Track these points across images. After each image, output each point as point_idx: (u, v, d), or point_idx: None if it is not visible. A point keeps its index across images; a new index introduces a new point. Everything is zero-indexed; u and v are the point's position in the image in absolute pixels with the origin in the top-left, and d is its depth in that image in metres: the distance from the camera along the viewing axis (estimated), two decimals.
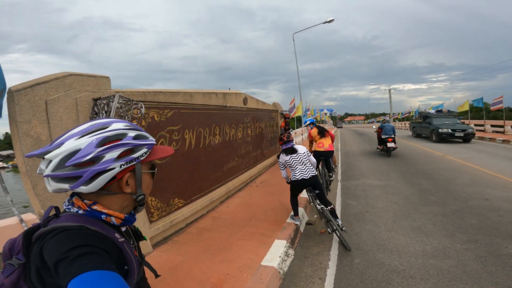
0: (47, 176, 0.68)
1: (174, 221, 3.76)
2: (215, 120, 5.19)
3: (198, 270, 2.77)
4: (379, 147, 11.07)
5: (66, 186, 0.69)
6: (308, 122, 6.28)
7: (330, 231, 3.56)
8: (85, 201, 0.74)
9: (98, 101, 2.79)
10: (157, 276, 0.96)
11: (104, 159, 0.70)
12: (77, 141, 0.69)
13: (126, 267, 0.73)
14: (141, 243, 3.48)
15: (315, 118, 30.09)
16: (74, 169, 0.68)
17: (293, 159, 3.75)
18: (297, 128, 16.27)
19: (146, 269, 0.93)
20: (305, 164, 3.72)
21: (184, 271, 2.76)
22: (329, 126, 45.65)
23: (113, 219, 0.76)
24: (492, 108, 17.64)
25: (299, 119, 17.49)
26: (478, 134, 16.11)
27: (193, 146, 4.46)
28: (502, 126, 16.14)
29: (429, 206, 4.61)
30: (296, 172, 3.69)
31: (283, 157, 3.84)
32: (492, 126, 17.45)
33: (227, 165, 5.68)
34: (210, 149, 5.01)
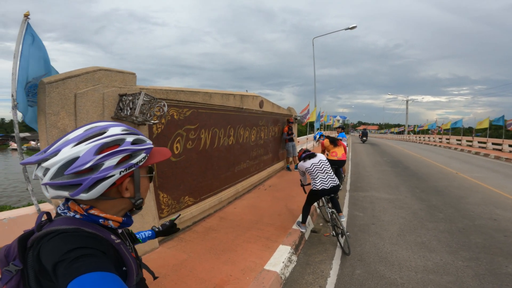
0: (46, 184, 0.68)
1: (182, 218, 3.88)
2: (230, 121, 5.31)
3: (202, 269, 2.86)
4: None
5: (65, 193, 0.68)
6: (317, 136, 6.65)
7: (334, 234, 3.68)
8: (81, 205, 0.73)
9: (124, 97, 2.93)
10: (155, 278, 0.97)
11: (103, 167, 0.69)
12: (74, 149, 0.68)
13: (124, 268, 0.73)
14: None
15: (328, 125, 29.85)
16: (74, 177, 0.67)
17: (314, 166, 3.66)
18: (309, 133, 16.24)
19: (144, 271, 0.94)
20: (326, 173, 3.64)
21: (187, 269, 2.84)
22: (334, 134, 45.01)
23: (110, 222, 0.76)
24: (510, 127, 16.95)
25: (311, 125, 17.44)
26: (494, 153, 15.64)
27: (207, 146, 4.59)
28: None
29: (435, 223, 4.59)
30: (317, 180, 3.61)
31: (303, 164, 3.77)
32: (510, 146, 16.83)
33: (238, 167, 5.79)
34: (224, 150, 5.13)
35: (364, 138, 26.26)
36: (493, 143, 18.58)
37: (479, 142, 20.62)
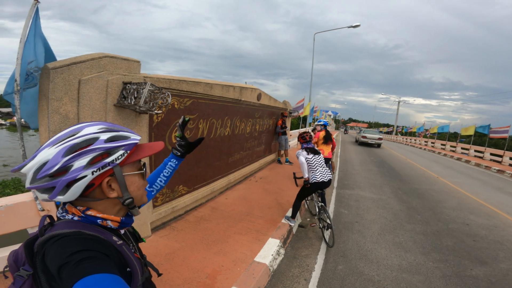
0: (28, 188, 0.69)
1: (176, 207, 3.98)
2: (228, 113, 5.37)
3: (194, 259, 2.98)
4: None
5: (46, 196, 0.70)
6: (321, 123, 6.32)
7: (320, 227, 3.99)
8: (78, 207, 0.74)
9: (128, 85, 2.95)
10: (159, 274, 0.98)
11: (72, 168, 0.69)
12: (46, 152, 0.69)
13: (128, 269, 0.74)
14: (140, 226, 3.53)
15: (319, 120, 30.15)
16: (48, 180, 0.68)
17: (315, 160, 3.83)
18: (300, 127, 16.42)
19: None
20: (324, 167, 3.86)
21: (180, 259, 2.96)
22: (330, 129, 46.52)
23: (109, 222, 0.76)
24: (491, 135, 17.44)
25: (304, 118, 17.62)
26: (475, 160, 16.32)
27: (204, 135, 4.66)
28: (501, 156, 16.24)
29: (413, 224, 4.89)
30: (317, 173, 3.79)
31: (306, 155, 3.86)
32: (491, 154, 17.56)
33: (232, 158, 5.90)
34: (219, 140, 5.22)
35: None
36: (475, 150, 19.33)
37: (462, 148, 21.43)
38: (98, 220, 0.75)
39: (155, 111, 3.09)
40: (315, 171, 3.80)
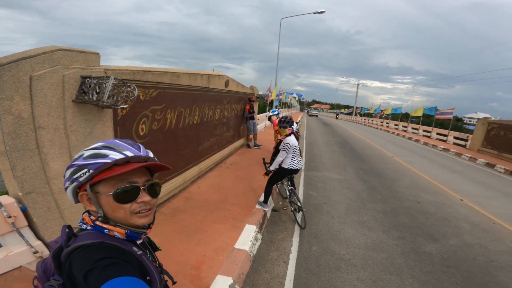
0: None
1: None
2: (196, 101, 5.24)
3: (176, 251, 3.00)
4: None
5: None
6: (275, 112, 6.95)
7: (292, 210, 4.22)
8: (91, 217, 0.80)
9: (88, 79, 2.72)
10: (174, 282, 1.03)
11: (64, 178, 0.79)
12: None
13: (148, 278, 0.78)
14: None
15: (285, 103, 30.65)
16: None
17: (296, 147, 3.92)
18: (267, 111, 16.60)
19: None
20: (298, 155, 4.02)
21: (162, 252, 2.93)
22: (295, 111, 47.69)
23: (116, 233, 0.79)
24: (437, 117, 19.22)
25: (271, 103, 17.82)
26: (424, 139, 18.06)
27: (173, 125, 4.51)
28: (446, 135, 18.07)
29: (374, 203, 5.34)
30: (294, 160, 3.93)
31: (294, 143, 3.88)
32: (437, 134, 19.48)
33: (202, 146, 5.83)
34: (188, 129, 5.10)
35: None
36: (423, 130, 21.38)
37: (412, 128, 23.55)
38: (105, 230, 0.78)
39: (120, 106, 2.90)
40: (294, 158, 3.95)
